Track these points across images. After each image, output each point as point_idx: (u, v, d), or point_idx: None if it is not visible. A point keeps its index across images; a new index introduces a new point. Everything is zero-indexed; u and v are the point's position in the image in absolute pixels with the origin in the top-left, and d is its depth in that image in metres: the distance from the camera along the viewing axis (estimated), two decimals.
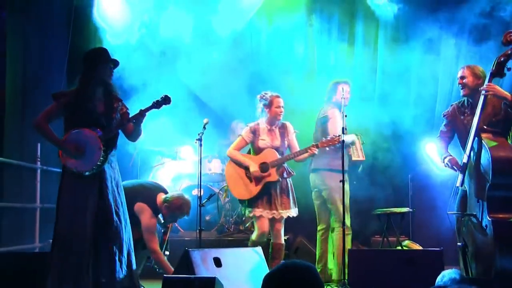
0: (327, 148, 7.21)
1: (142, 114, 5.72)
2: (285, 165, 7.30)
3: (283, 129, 7.37)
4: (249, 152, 7.48)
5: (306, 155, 7.16)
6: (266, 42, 10.57)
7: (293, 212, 7.23)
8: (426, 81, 9.82)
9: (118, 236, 5.67)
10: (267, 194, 7.14)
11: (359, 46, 10.40)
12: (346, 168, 7.18)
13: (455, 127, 6.60)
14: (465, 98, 6.54)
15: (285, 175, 7.23)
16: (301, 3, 10.23)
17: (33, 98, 8.82)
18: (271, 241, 7.30)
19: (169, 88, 9.02)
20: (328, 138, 7.11)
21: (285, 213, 7.14)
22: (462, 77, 6.45)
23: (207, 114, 8.16)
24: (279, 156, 7.20)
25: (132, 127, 5.89)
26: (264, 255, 6.82)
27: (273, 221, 7.17)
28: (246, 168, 7.23)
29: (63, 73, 9.27)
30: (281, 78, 9.76)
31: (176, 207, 6.95)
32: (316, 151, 7.08)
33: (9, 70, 8.32)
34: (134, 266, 5.80)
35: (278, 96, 7.32)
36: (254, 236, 7.21)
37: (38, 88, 8.91)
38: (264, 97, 7.35)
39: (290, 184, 7.29)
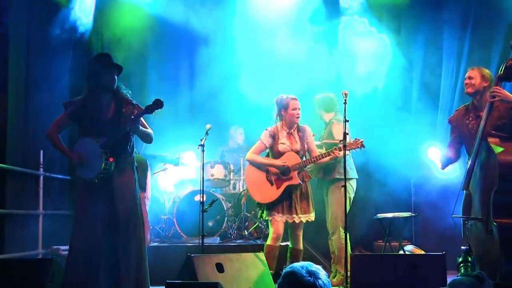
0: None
1: (133, 120, 5.69)
2: (307, 168, 7.27)
3: (302, 132, 7.26)
4: (267, 156, 7.36)
5: (327, 158, 7.13)
6: (270, 48, 10.56)
7: (312, 216, 7.15)
8: (428, 85, 9.82)
9: (127, 245, 5.69)
10: (288, 199, 7.04)
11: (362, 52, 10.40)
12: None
13: (460, 132, 6.57)
14: (469, 103, 6.52)
15: (305, 178, 7.16)
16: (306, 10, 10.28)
17: (35, 104, 8.82)
18: (290, 246, 7.25)
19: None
20: (352, 141, 7.07)
21: (305, 218, 7.06)
22: (470, 77, 6.40)
23: (209, 120, 8.13)
24: (300, 160, 7.13)
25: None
26: (282, 259, 6.85)
27: (293, 226, 7.10)
28: (267, 171, 7.14)
29: (66, 79, 9.28)
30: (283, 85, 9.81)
31: None
32: (339, 154, 6.98)
33: (11, 75, 8.32)
34: (144, 273, 5.79)
35: (294, 98, 7.20)
36: (269, 241, 7.07)
37: (41, 94, 8.91)
38: (280, 100, 7.25)
39: (309, 188, 7.22)
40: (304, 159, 7.17)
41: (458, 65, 9.52)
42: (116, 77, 5.89)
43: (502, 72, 6.07)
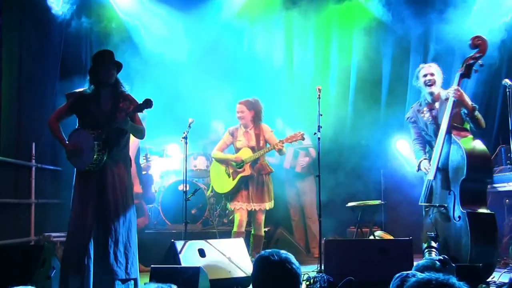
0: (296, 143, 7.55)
1: (123, 118, 5.64)
2: (266, 162, 7.56)
3: (258, 130, 7.59)
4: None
5: (276, 149, 7.35)
6: (245, 47, 10.52)
7: (267, 205, 7.48)
8: (397, 80, 9.86)
9: (114, 230, 5.65)
10: (245, 189, 7.46)
11: (334, 51, 10.43)
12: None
13: (418, 125, 6.66)
14: (423, 98, 6.59)
15: (262, 171, 7.47)
16: (278, 9, 10.25)
17: (28, 98, 8.75)
18: (252, 232, 7.52)
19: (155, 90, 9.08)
20: (292, 134, 7.34)
21: (258, 206, 7.41)
22: (432, 74, 6.46)
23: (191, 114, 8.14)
24: (252, 154, 7.44)
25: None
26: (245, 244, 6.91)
27: (254, 213, 7.43)
28: (226, 166, 7.60)
29: (56, 73, 9.19)
30: (261, 82, 9.85)
31: None
32: (282, 146, 7.31)
33: (5, 71, 8.24)
34: (132, 259, 5.77)
35: (238, 103, 7.67)
36: (234, 227, 7.50)
37: (34, 88, 8.84)
38: None
39: (268, 180, 7.53)
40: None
41: (425, 59, 9.58)
42: (114, 73, 5.83)
43: (464, 70, 6.14)
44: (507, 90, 6.43)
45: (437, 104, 6.42)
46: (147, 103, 5.62)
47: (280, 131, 9.47)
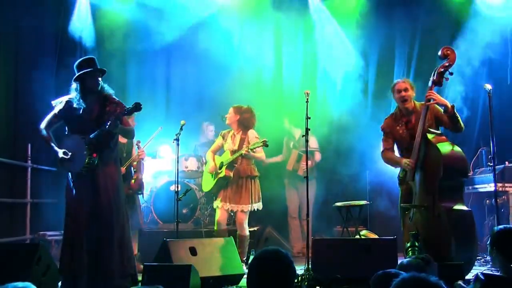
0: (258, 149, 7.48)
1: (113, 121, 5.62)
2: (250, 166, 7.58)
3: (245, 135, 7.62)
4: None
5: (244, 153, 7.38)
6: (236, 51, 10.49)
7: (247, 207, 7.44)
8: (382, 83, 9.88)
9: (109, 230, 5.66)
10: (224, 189, 7.56)
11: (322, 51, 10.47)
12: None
13: (393, 137, 6.67)
14: (396, 111, 6.67)
15: (242, 174, 7.52)
16: (268, 13, 10.25)
17: (24, 100, 8.72)
18: (237, 232, 7.51)
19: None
20: (255, 141, 7.38)
21: (236, 207, 7.45)
22: (406, 89, 6.50)
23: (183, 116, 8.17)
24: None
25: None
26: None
27: (235, 214, 7.56)
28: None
29: (53, 75, 9.15)
30: (256, 84, 9.85)
31: None
32: (247, 151, 7.32)
33: (1, 72, 8.22)
34: (127, 256, 5.77)
35: (231, 107, 7.77)
36: (215, 226, 7.64)
37: (30, 90, 8.79)
38: None
39: (249, 183, 7.52)
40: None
41: (409, 67, 9.63)
42: (100, 79, 5.83)
43: (435, 77, 6.22)
44: (488, 94, 6.46)
45: (413, 117, 6.45)
46: (136, 107, 5.63)
47: (287, 130, 9.52)
